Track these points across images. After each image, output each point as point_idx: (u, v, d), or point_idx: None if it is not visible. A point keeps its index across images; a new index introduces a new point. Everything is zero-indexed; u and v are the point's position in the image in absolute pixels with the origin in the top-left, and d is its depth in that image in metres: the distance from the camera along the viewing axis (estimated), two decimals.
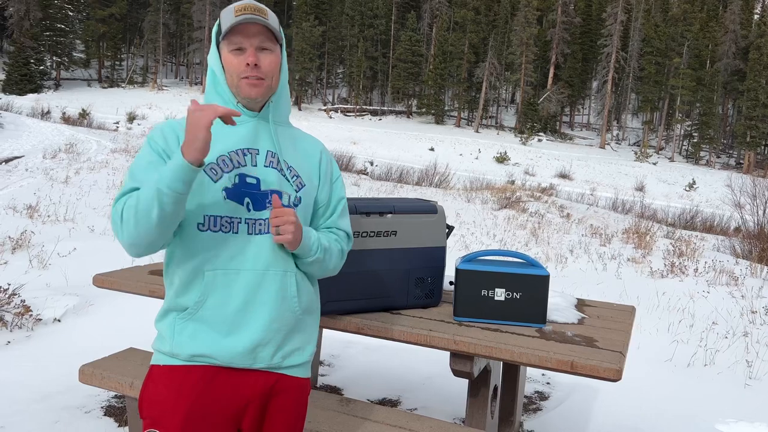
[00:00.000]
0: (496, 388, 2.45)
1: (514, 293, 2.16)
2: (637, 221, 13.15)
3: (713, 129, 51.22)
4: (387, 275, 2.23)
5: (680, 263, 7.10)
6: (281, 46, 1.50)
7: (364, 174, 22.71)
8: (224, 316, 1.40)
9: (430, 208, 2.30)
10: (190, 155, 1.28)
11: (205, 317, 1.40)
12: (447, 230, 2.44)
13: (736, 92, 55.12)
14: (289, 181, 1.48)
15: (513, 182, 26.64)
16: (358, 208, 2.15)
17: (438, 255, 2.32)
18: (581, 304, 2.53)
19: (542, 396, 3.47)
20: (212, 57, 1.49)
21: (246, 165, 1.44)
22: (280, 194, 1.46)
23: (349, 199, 2.19)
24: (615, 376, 1.83)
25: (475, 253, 2.26)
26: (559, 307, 2.38)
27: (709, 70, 53.82)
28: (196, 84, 60.53)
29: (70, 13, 52.85)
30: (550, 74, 57.09)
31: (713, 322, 4.95)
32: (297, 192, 1.49)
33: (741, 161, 50.65)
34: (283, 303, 1.45)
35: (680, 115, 52.93)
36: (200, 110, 1.30)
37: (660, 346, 4.37)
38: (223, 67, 1.46)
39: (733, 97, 57.43)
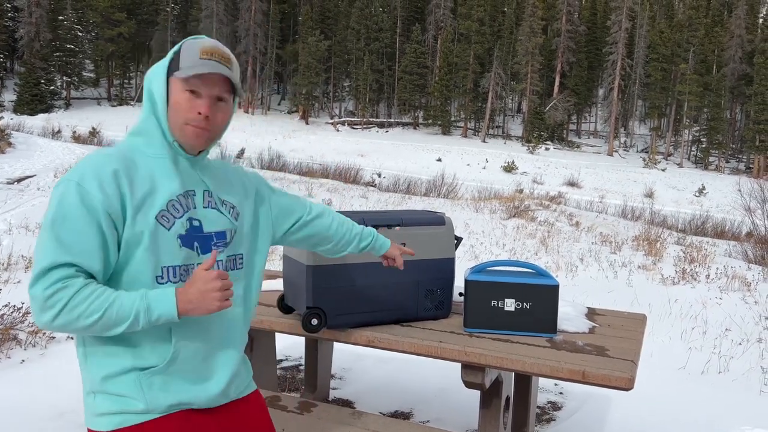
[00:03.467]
0: (508, 399, 2.44)
1: (524, 303, 2.16)
2: (647, 228, 13.08)
3: (721, 134, 50.99)
4: (396, 287, 2.24)
5: (692, 270, 7.05)
6: (235, 96, 1.44)
7: (372, 186, 22.75)
8: (195, 365, 1.38)
9: (438, 220, 2.31)
10: (185, 312, 1.27)
11: (175, 370, 1.35)
12: (456, 241, 2.45)
13: (743, 96, 54.89)
14: (227, 216, 1.45)
15: (521, 191, 26.59)
16: (367, 221, 2.17)
17: (447, 266, 2.33)
18: (592, 313, 2.52)
19: (555, 406, 3.45)
20: (158, 80, 1.36)
21: (190, 208, 1.36)
22: (224, 234, 1.43)
23: (357, 213, 2.21)
24: (627, 385, 1.82)
25: (484, 263, 2.27)
26: (569, 316, 2.37)
27: (716, 75, 53.70)
28: None
29: (79, 34, 53.53)
30: (556, 83, 57.13)
31: (726, 329, 4.91)
32: (235, 222, 1.47)
33: (750, 165, 50.32)
34: (242, 337, 1.50)
35: (688, 120, 52.75)
36: (220, 290, 1.28)
37: (673, 354, 4.33)
38: (167, 98, 1.35)
39: (740, 101, 57.19)
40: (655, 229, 13.06)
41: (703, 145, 51.73)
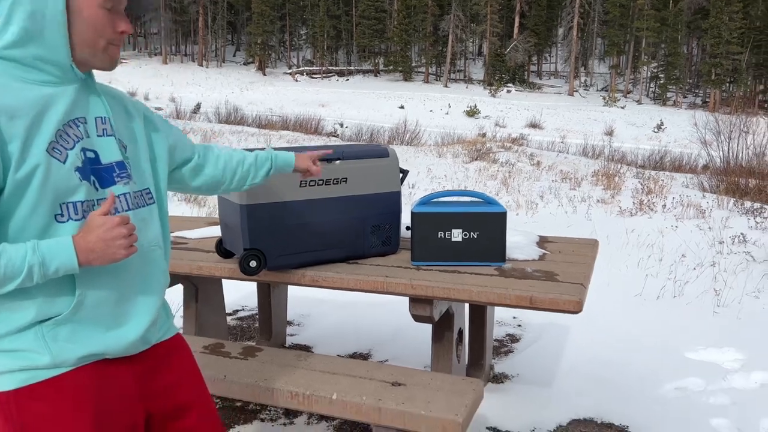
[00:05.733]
0: (461, 332, 2.41)
1: (471, 233, 2.09)
2: (607, 164, 13.22)
3: (679, 69, 51.51)
4: (341, 225, 2.14)
5: (648, 201, 7.15)
6: None
7: (334, 136, 22.46)
8: (108, 310, 1.24)
9: (381, 152, 2.20)
10: (86, 262, 1.14)
11: (83, 317, 1.21)
12: (401, 175, 2.35)
13: (699, 31, 55.30)
14: (123, 144, 1.30)
15: (484, 135, 26.55)
16: None
17: (393, 200, 2.23)
18: (543, 241, 2.48)
19: (513, 338, 3.46)
20: None
21: (83, 137, 1.21)
22: (122, 164, 1.28)
23: (289, 149, 2.08)
24: (575, 308, 1.78)
25: (430, 195, 2.18)
26: (520, 245, 2.32)
27: (673, 9, 53.81)
28: (155, 55, 58.79)
29: None
30: (516, 24, 56.55)
31: (682, 255, 4.99)
32: (134, 149, 1.33)
33: (707, 100, 51.20)
34: (164, 279, 1.37)
35: (646, 57, 53.06)
36: (125, 236, 1.15)
37: (630, 282, 4.39)
38: (68, 13, 1.16)
39: (697, 35, 57.65)
40: (614, 165, 13.21)
41: (661, 81, 52.25)
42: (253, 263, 2.01)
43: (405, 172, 2.35)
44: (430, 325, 2.33)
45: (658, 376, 2.96)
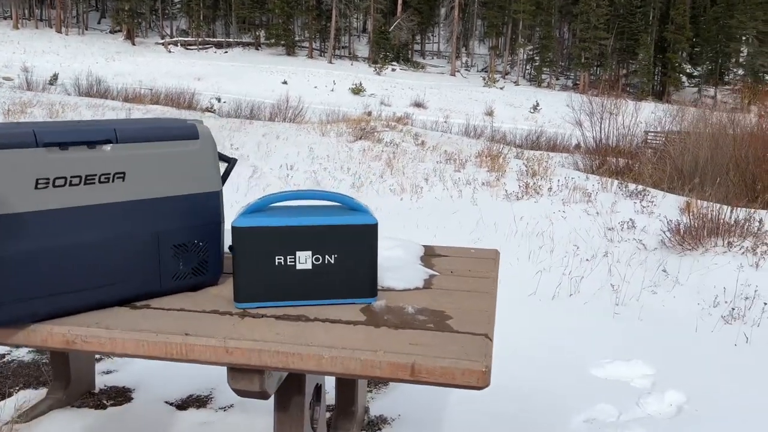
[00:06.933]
0: (318, 388, 1.71)
1: (325, 257, 1.38)
2: (489, 145, 13.13)
3: (552, 52, 54.02)
4: (117, 246, 1.35)
5: (534, 183, 6.86)
6: None
7: (210, 111, 20.97)
8: None
9: (186, 131, 1.43)
10: None
11: None
12: (227, 166, 1.60)
13: (570, 15, 58.19)
14: None
15: (369, 113, 26.05)
16: (42, 137, 1.23)
17: (208, 206, 1.47)
18: (429, 255, 1.83)
19: None
20: None
21: None
22: None
23: (25, 124, 1.26)
24: (479, 382, 1.14)
25: (263, 199, 1.44)
26: (399, 263, 1.66)
27: None
28: (5, 18, 52.41)
29: None
30: (399, 1, 56.38)
31: (574, 245, 4.64)
32: None
33: (577, 82, 54.16)
34: None
35: (523, 39, 55.07)
36: None
37: (522, 278, 3.93)
38: None
39: (568, 20, 60.66)
40: (495, 145, 13.15)
41: (536, 63, 54.53)
42: None
43: (230, 162, 1.59)
44: (248, 397, 1.62)
45: (566, 405, 2.46)
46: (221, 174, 1.52)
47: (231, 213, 1.81)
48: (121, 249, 1.35)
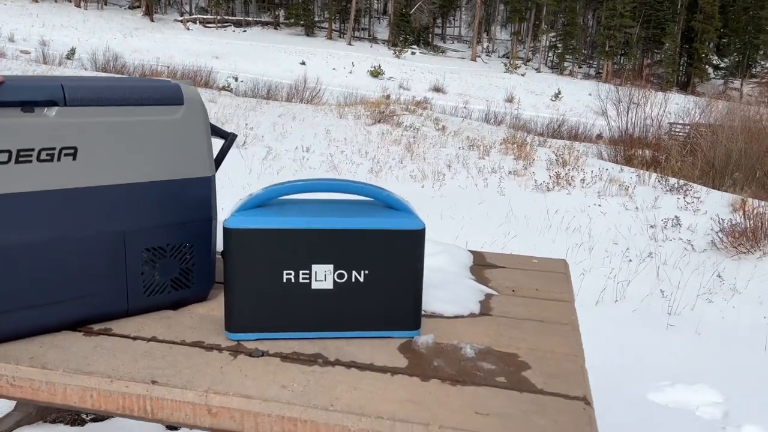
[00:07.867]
0: None
1: (353, 273, 0.99)
2: (512, 132, 12.66)
3: (575, 39, 52.87)
4: (63, 252, 0.97)
5: (566, 174, 6.42)
6: None
7: (227, 90, 20.62)
8: None
9: (166, 94, 1.04)
10: None
11: None
12: (224, 143, 1.22)
13: (596, 2, 56.88)
14: None
15: (388, 97, 25.56)
16: None
17: (195, 197, 1.09)
18: (479, 264, 1.44)
19: None
20: None
21: None
22: None
23: None
24: None
25: (267, 190, 1.05)
26: (445, 280, 1.27)
27: None
28: None
29: None
30: None
31: (614, 243, 4.22)
32: None
33: (600, 71, 53.03)
34: None
35: (546, 25, 53.98)
36: None
37: None
38: None
39: (593, 7, 59.33)
40: (518, 133, 12.69)
41: (559, 51, 53.42)
42: None
43: (228, 138, 1.21)
44: None
45: None
46: (215, 154, 1.14)
47: (236, 202, 1.43)
48: (71, 254, 0.97)
